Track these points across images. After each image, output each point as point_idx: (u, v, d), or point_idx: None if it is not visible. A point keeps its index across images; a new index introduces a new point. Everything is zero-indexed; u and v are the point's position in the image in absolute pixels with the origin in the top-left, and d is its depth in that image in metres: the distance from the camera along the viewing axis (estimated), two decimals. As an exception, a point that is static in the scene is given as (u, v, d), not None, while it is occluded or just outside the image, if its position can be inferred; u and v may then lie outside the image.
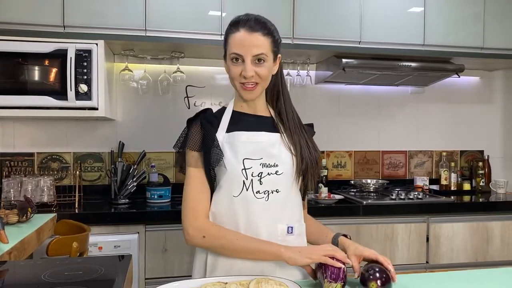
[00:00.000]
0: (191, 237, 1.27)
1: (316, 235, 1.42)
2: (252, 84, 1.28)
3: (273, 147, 1.31)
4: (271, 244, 1.22)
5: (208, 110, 1.36)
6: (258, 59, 1.27)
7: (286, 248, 1.20)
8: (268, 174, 1.29)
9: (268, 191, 1.28)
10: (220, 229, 1.26)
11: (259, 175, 1.28)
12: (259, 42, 1.27)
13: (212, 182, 1.32)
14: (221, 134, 1.32)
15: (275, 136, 1.34)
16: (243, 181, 1.27)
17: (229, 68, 1.30)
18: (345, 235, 1.34)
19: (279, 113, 1.40)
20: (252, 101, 1.35)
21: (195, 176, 1.31)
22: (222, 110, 1.39)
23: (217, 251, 1.27)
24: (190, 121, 1.35)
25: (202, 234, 1.25)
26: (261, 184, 1.28)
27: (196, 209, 1.28)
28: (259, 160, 1.29)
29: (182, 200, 1.31)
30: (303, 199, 1.42)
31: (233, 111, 1.37)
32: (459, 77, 2.80)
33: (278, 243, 1.22)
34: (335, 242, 1.33)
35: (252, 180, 1.27)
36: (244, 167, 1.27)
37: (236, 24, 1.29)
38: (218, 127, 1.33)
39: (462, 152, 3.20)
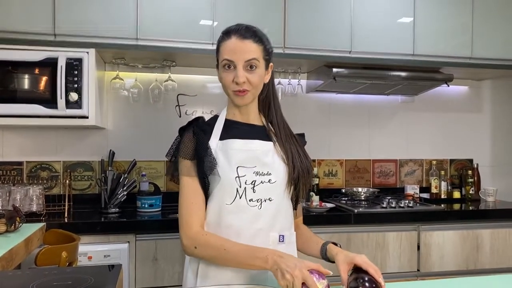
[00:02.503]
0: (185, 247, 1.27)
1: (307, 243, 1.41)
2: (243, 91, 1.29)
3: (266, 156, 1.32)
4: (257, 258, 1.15)
5: (200, 118, 1.37)
6: (250, 66, 1.28)
7: (272, 263, 1.11)
8: (261, 182, 1.29)
9: (261, 199, 1.29)
10: (209, 239, 1.24)
11: (253, 183, 1.28)
12: (251, 49, 1.28)
13: (206, 190, 1.32)
14: (214, 142, 1.32)
15: (268, 144, 1.35)
16: (237, 189, 1.27)
17: (222, 75, 1.31)
18: (335, 243, 1.33)
19: (270, 122, 1.41)
20: (246, 109, 1.36)
21: (188, 185, 1.31)
22: (214, 118, 1.40)
23: (210, 261, 1.26)
24: (182, 130, 1.36)
25: (194, 244, 1.25)
26: (254, 192, 1.28)
27: (189, 219, 1.28)
28: (252, 168, 1.29)
29: (178, 210, 1.31)
30: (295, 208, 1.42)
31: (226, 119, 1.38)
32: (448, 86, 2.83)
33: (264, 255, 1.14)
34: (323, 249, 1.32)
35: (245, 188, 1.27)
36: (237, 175, 1.27)
37: (227, 33, 1.31)
38: (211, 135, 1.33)
39: (451, 160, 3.22)
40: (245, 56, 1.27)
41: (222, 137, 1.33)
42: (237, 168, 1.28)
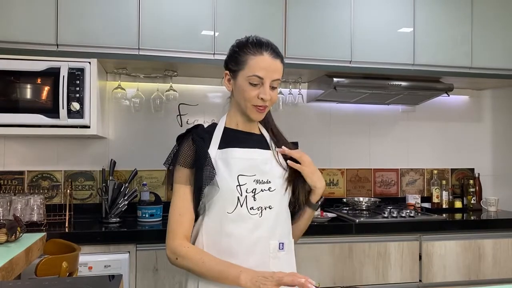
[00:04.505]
0: (168, 258, 1.29)
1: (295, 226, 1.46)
2: (263, 107, 1.32)
3: (266, 164, 1.34)
4: (232, 271, 1.19)
5: (199, 126, 1.38)
6: (273, 84, 1.31)
7: (246, 277, 1.17)
8: (262, 190, 1.30)
9: (261, 208, 1.29)
10: (189, 251, 1.25)
11: (253, 191, 1.29)
12: (279, 69, 1.32)
13: (200, 200, 1.32)
14: (214, 151, 1.32)
15: (267, 153, 1.36)
16: (238, 197, 1.28)
17: (244, 89, 1.31)
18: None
19: (267, 131, 1.43)
20: (252, 120, 1.38)
21: (179, 195, 1.31)
22: (213, 126, 1.40)
23: (191, 272, 1.28)
24: (180, 138, 1.36)
25: (175, 256, 1.27)
26: (255, 200, 1.29)
27: (174, 231, 1.29)
28: (252, 177, 1.30)
29: (168, 219, 1.33)
30: (292, 214, 1.43)
31: (225, 128, 1.38)
32: (449, 96, 2.84)
33: (241, 269, 1.20)
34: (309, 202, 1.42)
35: (246, 196, 1.28)
36: (238, 183, 1.28)
37: (258, 46, 1.31)
38: (210, 143, 1.34)
39: (453, 170, 3.22)
40: (274, 75, 1.30)
41: (221, 146, 1.34)
42: (238, 176, 1.29)
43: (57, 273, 1.61)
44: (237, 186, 1.28)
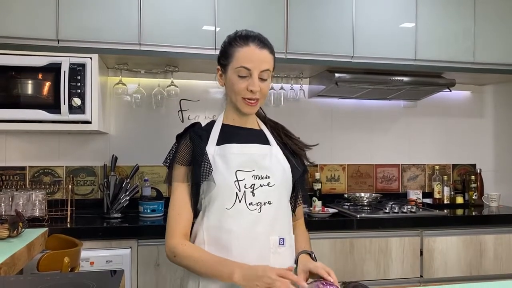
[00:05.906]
0: (167, 256, 1.30)
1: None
2: (254, 100, 1.30)
3: (264, 159, 1.33)
4: (226, 268, 1.19)
5: (196, 124, 1.37)
6: (263, 76, 1.29)
7: (240, 273, 1.16)
8: (260, 185, 1.30)
9: (260, 203, 1.29)
10: (186, 249, 1.26)
11: (252, 186, 1.29)
12: (267, 59, 1.30)
13: (198, 197, 1.32)
14: (212, 148, 1.32)
15: (266, 148, 1.36)
16: (236, 193, 1.28)
17: (233, 82, 1.30)
18: (309, 253, 1.35)
19: (265, 125, 1.42)
20: (247, 114, 1.37)
21: (178, 194, 1.32)
22: (211, 124, 1.40)
23: (189, 270, 1.28)
24: (179, 137, 1.36)
25: (173, 253, 1.27)
26: (253, 195, 1.29)
27: (173, 230, 1.29)
28: (251, 172, 1.30)
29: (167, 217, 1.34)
30: (293, 210, 1.43)
31: (223, 124, 1.38)
32: (451, 91, 2.83)
33: (235, 265, 1.19)
34: (296, 259, 1.35)
35: (245, 191, 1.28)
36: (237, 178, 1.28)
37: (244, 38, 1.30)
38: (208, 140, 1.34)
39: (454, 165, 3.21)
40: (262, 65, 1.28)
41: (219, 142, 1.34)
42: (236, 172, 1.29)
43: (59, 268, 1.61)
44: (235, 181, 1.28)
